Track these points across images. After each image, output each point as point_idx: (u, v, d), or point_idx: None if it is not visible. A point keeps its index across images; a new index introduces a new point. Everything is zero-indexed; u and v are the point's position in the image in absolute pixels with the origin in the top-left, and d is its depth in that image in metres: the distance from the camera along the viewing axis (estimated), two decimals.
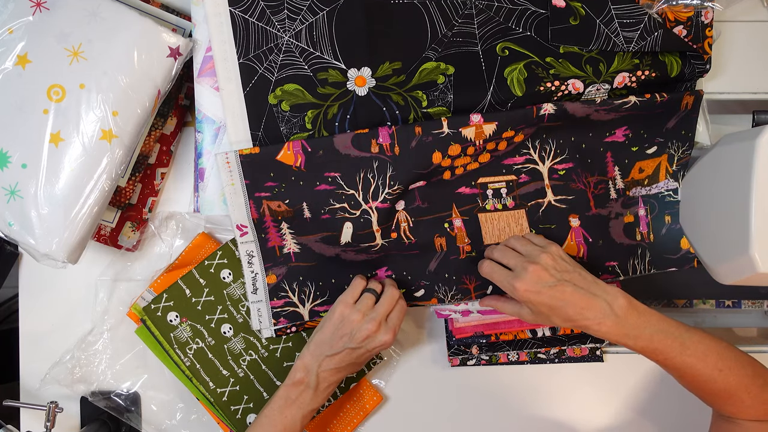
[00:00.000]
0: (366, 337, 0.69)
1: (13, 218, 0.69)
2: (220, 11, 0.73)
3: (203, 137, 0.75)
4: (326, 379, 0.70)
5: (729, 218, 0.67)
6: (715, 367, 0.64)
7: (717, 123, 0.82)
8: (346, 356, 0.70)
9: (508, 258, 0.69)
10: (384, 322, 0.70)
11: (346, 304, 0.71)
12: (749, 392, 0.65)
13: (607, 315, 0.64)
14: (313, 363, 0.70)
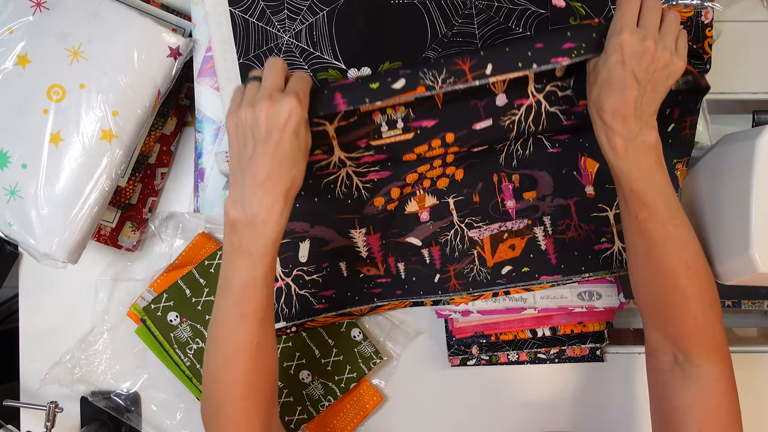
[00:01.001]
0: (266, 118, 0.54)
1: (13, 218, 0.69)
2: (220, 11, 0.73)
3: (203, 137, 0.75)
4: (262, 202, 0.55)
5: (729, 218, 0.67)
6: (685, 261, 0.59)
7: (717, 123, 0.82)
8: (264, 158, 0.54)
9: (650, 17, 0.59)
10: (277, 92, 0.55)
11: (233, 110, 0.57)
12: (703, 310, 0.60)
13: (628, 138, 0.59)
14: (239, 190, 0.56)
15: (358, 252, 0.75)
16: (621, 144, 0.59)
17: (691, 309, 0.60)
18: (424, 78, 0.60)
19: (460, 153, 0.73)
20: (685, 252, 0.60)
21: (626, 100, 0.58)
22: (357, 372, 0.80)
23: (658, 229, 0.60)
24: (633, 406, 0.84)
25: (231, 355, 0.58)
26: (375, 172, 0.72)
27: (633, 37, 0.57)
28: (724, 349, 0.61)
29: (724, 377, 0.61)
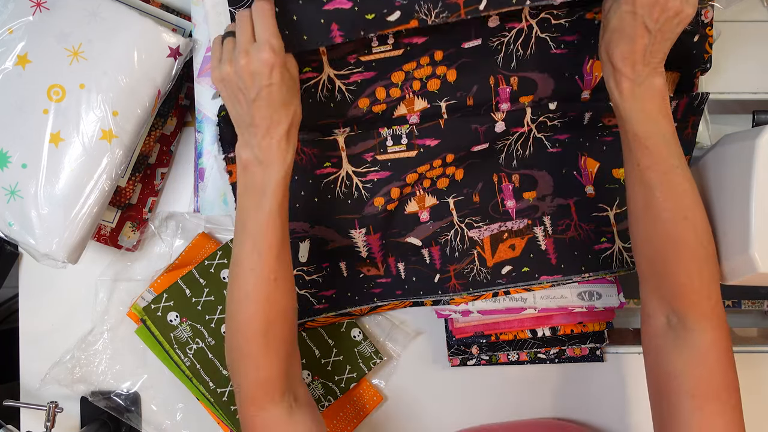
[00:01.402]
0: (249, 75, 0.58)
1: (13, 218, 0.69)
2: (220, 11, 0.73)
3: (203, 137, 0.75)
4: (270, 142, 0.60)
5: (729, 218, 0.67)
6: (683, 212, 0.59)
7: (717, 123, 0.82)
8: (260, 110, 0.59)
9: None
10: (251, 45, 0.58)
11: (214, 69, 0.61)
12: (699, 268, 0.59)
13: (636, 83, 0.60)
14: (248, 136, 0.61)
15: (358, 252, 0.75)
16: (628, 86, 0.60)
17: (686, 264, 0.60)
18: (419, 11, 0.62)
19: (460, 153, 0.73)
20: (683, 202, 0.60)
21: (636, 47, 0.59)
22: (357, 372, 0.80)
23: (658, 177, 0.60)
24: (633, 406, 0.84)
25: (250, 291, 0.61)
26: (375, 172, 0.72)
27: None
28: (718, 315, 0.60)
29: (717, 345, 0.60)
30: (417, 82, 0.72)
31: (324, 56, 0.70)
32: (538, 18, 0.70)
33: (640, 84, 0.60)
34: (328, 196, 0.73)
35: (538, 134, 0.75)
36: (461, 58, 0.72)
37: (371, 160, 0.72)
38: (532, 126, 0.73)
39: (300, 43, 0.63)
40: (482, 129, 0.71)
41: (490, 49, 0.71)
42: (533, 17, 0.70)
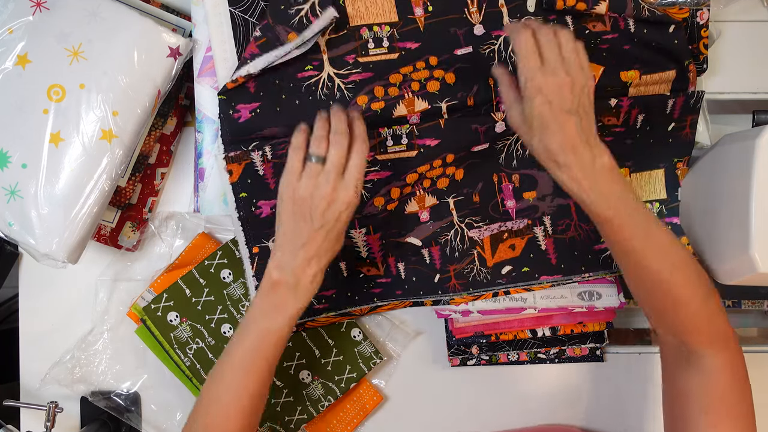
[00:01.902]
0: (326, 207, 0.60)
1: (13, 218, 0.69)
2: (220, 11, 0.73)
3: (203, 137, 0.75)
4: (306, 272, 0.62)
5: (729, 218, 0.67)
6: (668, 262, 0.60)
7: (717, 123, 0.82)
8: (316, 240, 0.61)
9: (549, 50, 0.60)
10: (340, 178, 0.61)
11: (290, 184, 0.62)
12: (699, 304, 0.61)
13: (584, 166, 0.59)
14: (287, 259, 0.62)
15: (358, 252, 0.75)
16: (581, 175, 0.59)
17: (686, 308, 0.61)
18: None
19: (461, 153, 0.73)
20: (669, 257, 0.61)
21: (568, 133, 0.59)
22: (357, 372, 0.80)
23: (640, 243, 0.61)
24: (633, 406, 0.84)
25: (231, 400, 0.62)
26: (375, 172, 0.72)
27: (546, 77, 0.59)
28: (727, 338, 0.61)
29: (729, 365, 0.61)
30: (416, 83, 0.72)
31: (324, 55, 0.72)
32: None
33: (591, 168, 0.59)
34: None
35: None
36: (456, 63, 0.73)
37: (371, 159, 0.72)
38: None
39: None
40: (482, 129, 0.71)
41: (483, 55, 0.73)
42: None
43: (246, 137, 0.72)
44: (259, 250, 0.75)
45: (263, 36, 0.71)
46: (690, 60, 0.74)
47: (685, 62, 0.74)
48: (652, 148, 0.78)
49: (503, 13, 0.74)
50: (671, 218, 0.78)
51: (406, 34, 0.73)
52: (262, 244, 0.75)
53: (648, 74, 0.73)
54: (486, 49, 0.74)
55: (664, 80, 0.74)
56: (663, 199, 0.79)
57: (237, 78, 0.70)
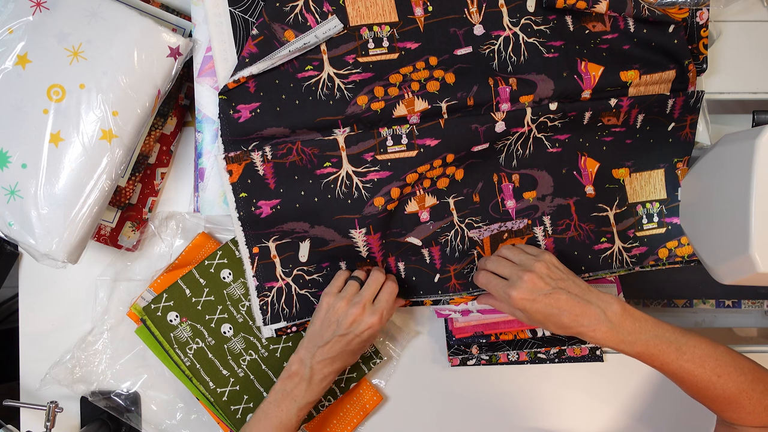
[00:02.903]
0: (352, 321, 0.69)
1: (13, 218, 0.69)
2: (220, 11, 0.73)
3: (203, 137, 0.75)
4: (320, 370, 0.70)
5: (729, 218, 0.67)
6: (713, 372, 0.64)
7: (717, 123, 0.82)
8: (336, 344, 0.70)
9: (502, 268, 0.70)
10: (370, 305, 0.70)
11: (331, 294, 0.72)
12: (749, 398, 0.65)
13: (601, 321, 0.64)
14: (307, 355, 0.71)
15: (358, 252, 0.75)
16: (603, 331, 0.65)
17: (739, 402, 0.65)
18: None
19: (461, 153, 0.73)
20: (708, 366, 0.65)
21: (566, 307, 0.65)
22: (357, 372, 0.80)
23: (675, 365, 0.65)
24: (633, 406, 0.84)
25: None
26: (375, 172, 0.72)
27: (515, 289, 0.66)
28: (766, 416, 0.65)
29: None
30: (416, 84, 0.72)
31: (324, 55, 0.72)
32: (519, 25, 0.73)
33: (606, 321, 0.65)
34: (328, 196, 0.73)
35: (538, 134, 0.75)
36: (456, 63, 0.73)
37: (371, 160, 0.72)
38: (532, 126, 0.73)
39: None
40: (482, 129, 0.71)
41: (483, 55, 0.73)
42: (515, 25, 0.74)
43: (246, 137, 0.72)
44: (259, 251, 0.75)
45: (260, 34, 0.71)
46: (690, 60, 0.74)
47: (685, 62, 0.74)
48: (652, 148, 0.78)
49: (503, 13, 0.74)
50: (671, 218, 0.78)
51: (406, 34, 0.73)
52: (262, 244, 0.75)
53: (648, 74, 0.73)
54: (486, 49, 0.74)
55: (664, 80, 0.74)
56: (663, 199, 0.79)
57: (239, 78, 0.70)
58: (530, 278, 0.66)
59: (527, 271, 0.67)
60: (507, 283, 0.68)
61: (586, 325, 0.65)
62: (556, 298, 0.65)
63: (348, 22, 0.73)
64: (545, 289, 0.66)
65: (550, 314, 0.65)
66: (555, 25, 0.74)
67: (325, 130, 0.73)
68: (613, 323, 0.64)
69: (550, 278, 0.67)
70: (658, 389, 0.84)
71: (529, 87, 0.72)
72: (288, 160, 0.73)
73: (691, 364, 0.64)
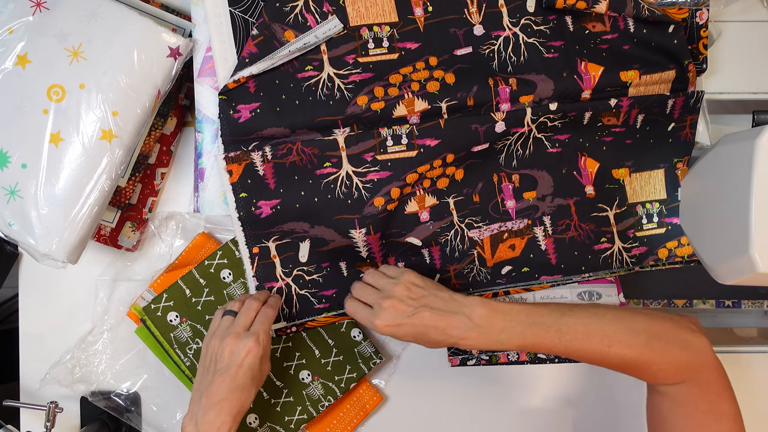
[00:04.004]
0: (229, 353, 0.66)
1: (13, 218, 0.69)
2: (220, 11, 0.73)
3: (203, 137, 0.75)
4: (213, 422, 0.64)
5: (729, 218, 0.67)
6: (602, 344, 0.63)
7: (717, 123, 0.82)
8: (221, 384, 0.65)
9: (365, 296, 0.70)
10: (243, 332, 0.67)
11: (209, 335, 0.70)
12: (651, 359, 0.63)
13: (469, 328, 0.64)
14: (196, 408, 0.65)
15: (358, 252, 0.75)
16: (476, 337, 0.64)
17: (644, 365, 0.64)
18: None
19: (460, 153, 0.73)
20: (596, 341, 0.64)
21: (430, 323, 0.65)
22: (357, 372, 0.80)
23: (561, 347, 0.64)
24: (632, 405, 0.84)
25: None
26: (375, 172, 0.72)
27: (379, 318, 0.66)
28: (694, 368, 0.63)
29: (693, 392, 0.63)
30: (416, 84, 0.72)
31: (324, 55, 0.72)
32: (519, 25, 0.74)
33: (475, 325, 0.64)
34: (328, 197, 0.73)
35: (538, 134, 0.75)
36: (456, 64, 0.73)
37: (371, 160, 0.72)
38: (532, 126, 0.73)
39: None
40: (482, 129, 0.71)
41: (483, 55, 0.73)
42: (515, 25, 0.74)
43: (246, 137, 0.72)
44: (259, 251, 0.75)
45: (260, 34, 0.71)
46: (689, 60, 0.74)
47: (685, 62, 0.74)
48: (652, 148, 0.78)
49: (503, 13, 0.74)
50: (671, 218, 0.78)
51: (406, 34, 0.73)
52: (262, 244, 0.75)
53: (648, 74, 0.73)
54: (486, 49, 0.74)
55: (664, 80, 0.74)
56: (663, 199, 0.79)
57: (239, 78, 0.70)
58: (391, 304, 0.66)
59: (387, 297, 0.67)
60: (371, 312, 0.67)
61: (455, 336, 0.64)
62: (419, 317, 0.65)
63: (348, 23, 0.73)
64: (408, 311, 0.65)
65: (418, 334, 0.65)
66: (555, 26, 0.74)
67: (325, 130, 0.73)
68: (481, 327, 0.64)
69: (411, 299, 0.66)
70: None
71: (529, 87, 0.72)
72: (288, 160, 0.73)
73: (576, 342, 0.63)
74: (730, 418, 0.62)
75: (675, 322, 0.65)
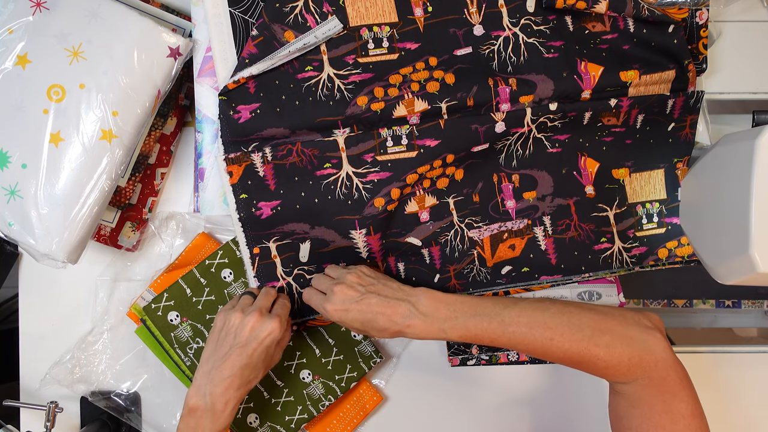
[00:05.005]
0: (251, 329, 0.66)
1: (13, 218, 0.69)
2: (220, 11, 0.73)
3: (203, 137, 0.75)
4: (222, 395, 0.64)
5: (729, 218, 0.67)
6: (544, 336, 0.64)
7: (717, 123, 0.82)
8: (236, 359, 0.65)
9: (321, 283, 0.71)
10: (266, 311, 0.69)
11: (226, 309, 0.70)
12: (596, 354, 0.63)
13: (413, 315, 0.65)
14: (204, 381, 0.65)
15: (359, 252, 0.75)
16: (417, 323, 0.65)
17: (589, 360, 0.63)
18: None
19: (460, 153, 0.73)
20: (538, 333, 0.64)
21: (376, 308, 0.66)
22: (357, 371, 0.80)
23: (504, 339, 0.65)
24: None
25: None
26: (375, 173, 0.72)
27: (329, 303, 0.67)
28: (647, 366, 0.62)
29: (647, 391, 0.63)
30: (415, 84, 0.72)
31: (324, 55, 0.72)
32: (519, 25, 0.74)
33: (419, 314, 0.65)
34: (329, 198, 0.73)
35: (538, 134, 0.75)
36: (456, 64, 0.73)
37: (371, 160, 0.72)
38: (532, 126, 0.73)
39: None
40: (482, 129, 0.71)
41: (483, 56, 0.73)
42: (514, 25, 0.74)
43: (246, 138, 0.72)
44: (259, 251, 0.75)
45: (260, 35, 0.71)
46: (689, 60, 0.74)
47: (685, 62, 0.74)
48: (652, 148, 0.78)
49: (503, 13, 0.74)
50: (671, 218, 0.78)
51: (405, 34, 0.73)
52: (263, 244, 0.75)
53: (647, 74, 0.73)
54: (485, 50, 0.74)
55: (664, 80, 0.74)
56: (663, 199, 0.79)
57: (239, 78, 0.70)
58: (340, 289, 0.67)
59: (339, 283, 0.68)
60: (323, 298, 0.69)
61: (400, 323, 0.65)
62: (366, 303, 0.66)
63: (348, 23, 0.73)
64: (355, 296, 0.66)
65: (365, 320, 0.66)
66: (555, 26, 0.74)
67: (325, 130, 0.73)
68: (426, 315, 0.65)
69: (360, 285, 0.68)
70: None
71: (529, 87, 0.72)
72: (288, 161, 0.73)
73: (519, 334, 0.64)
74: (687, 417, 0.61)
75: (625, 318, 0.65)
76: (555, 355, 0.64)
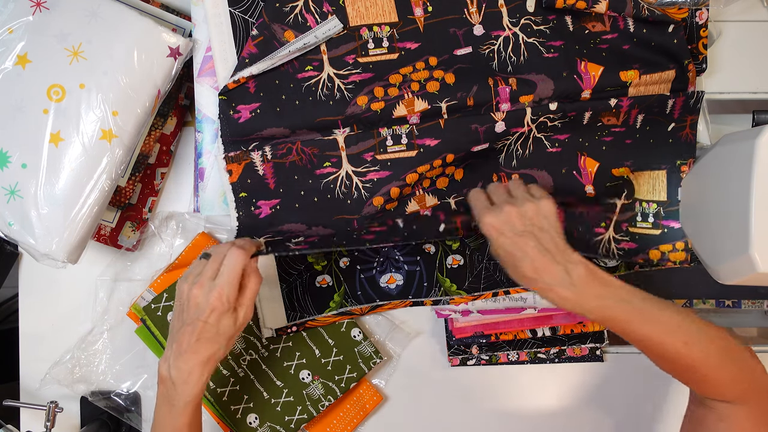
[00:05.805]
0: (195, 306, 0.62)
1: (13, 218, 0.69)
2: (219, 11, 0.73)
3: (203, 137, 0.75)
4: (184, 366, 0.62)
5: (729, 218, 0.67)
6: (680, 339, 0.61)
7: (717, 123, 0.82)
8: (189, 335, 0.62)
9: (497, 195, 0.67)
10: (209, 282, 0.63)
11: (181, 278, 0.65)
12: (714, 368, 0.62)
13: (563, 283, 0.61)
14: (169, 353, 0.64)
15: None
16: (564, 291, 0.61)
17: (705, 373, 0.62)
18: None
19: (460, 153, 0.73)
20: (676, 335, 0.62)
21: (531, 254, 0.62)
22: (357, 372, 0.80)
23: (639, 331, 0.62)
24: (632, 405, 0.84)
25: None
26: (375, 172, 0.72)
27: (491, 216, 0.64)
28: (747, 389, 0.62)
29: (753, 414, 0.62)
30: (415, 84, 0.72)
31: (324, 55, 0.72)
32: (519, 25, 0.74)
33: (569, 282, 0.61)
34: (328, 196, 0.73)
35: (538, 134, 0.75)
36: (456, 63, 0.73)
37: (371, 159, 0.72)
38: (532, 126, 0.73)
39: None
40: (482, 129, 0.71)
41: (483, 55, 0.73)
42: (514, 25, 0.74)
43: (246, 137, 0.72)
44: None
45: (260, 35, 0.71)
46: (689, 60, 0.74)
47: (685, 62, 0.74)
48: (652, 148, 0.78)
49: (503, 13, 0.74)
50: (669, 221, 0.78)
51: (405, 34, 0.73)
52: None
53: (647, 74, 0.73)
54: (485, 49, 0.74)
55: (664, 80, 0.74)
56: (662, 201, 0.78)
57: (239, 78, 0.70)
58: (509, 211, 0.63)
59: (513, 204, 0.64)
60: (488, 208, 0.65)
61: (546, 282, 0.61)
62: (524, 241, 0.62)
63: (348, 23, 0.73)
64: (519, 228, 0.62)
65: (512, 255, 0.62)
66: (555, 25, 0.74)
67: (325, 130, 0.73)
68: (576, 286, 0.61)
69: (531, 222, 0.63)
70: (658, 389, 0.84)
71: (529, 87, 0.72)
72: (288, 160, 0.73)
73: (656, 330, 0.62)
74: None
75: (741, 342, 0.64)
76: (682, 361, 0.62)
